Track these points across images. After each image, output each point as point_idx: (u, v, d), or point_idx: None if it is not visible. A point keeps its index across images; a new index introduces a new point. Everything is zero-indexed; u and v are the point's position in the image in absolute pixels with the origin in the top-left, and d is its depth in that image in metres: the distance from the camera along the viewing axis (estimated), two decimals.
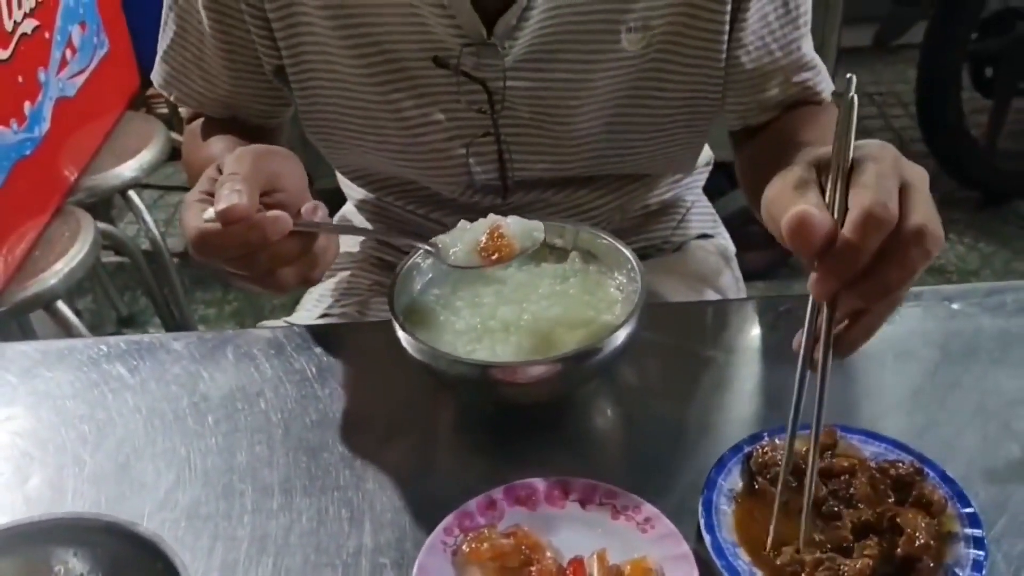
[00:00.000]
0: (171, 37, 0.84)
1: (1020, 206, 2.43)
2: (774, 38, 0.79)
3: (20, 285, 1.36)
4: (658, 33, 0.77)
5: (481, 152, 0.81)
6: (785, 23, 0.79)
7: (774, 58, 0.80)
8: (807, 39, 0.82)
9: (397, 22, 0.75)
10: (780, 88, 0.81)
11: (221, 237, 0.57)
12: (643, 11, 0.75)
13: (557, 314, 0.64)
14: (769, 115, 0.83)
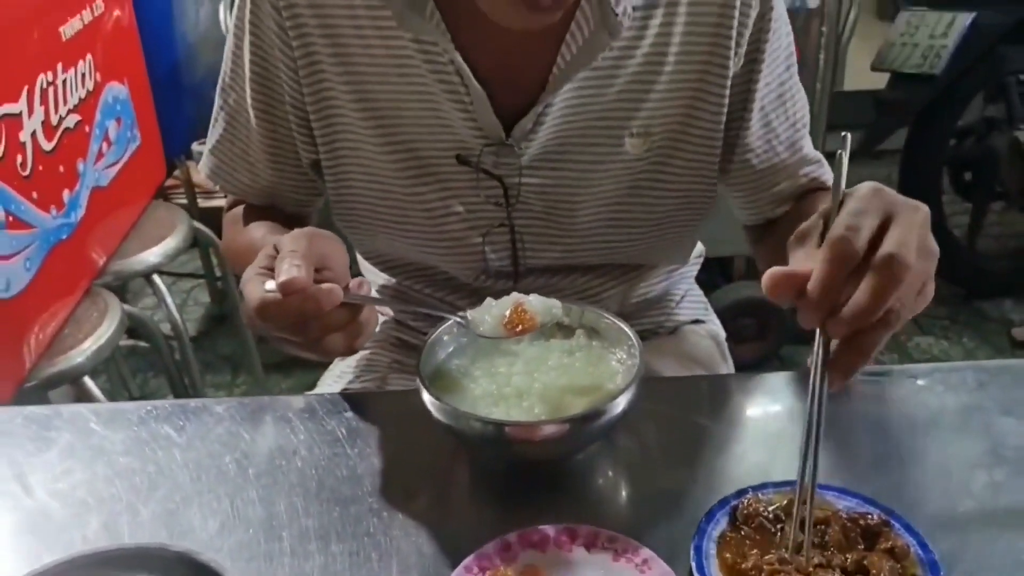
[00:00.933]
0: (220, 133, 0.94)
1: (1002, 303, 2.53)
2: (779, 140, 0.90)
3: (49, 361, 1.44)
4: (658, 138, 0.86)
5: (496, 241, 0.90)
6: (787, 127, 0.90)
7: (781, 158, 0.90)
8: (807, 139, 0.92)
9: (425, 123, 0.85)
10: (789, 182, 0.91)
11: (280, 306, 0.65)
12: (645, 118, 0.85)
13: (565, 383, 0.72)
14: (784, 207, 0.93)
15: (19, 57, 1.37)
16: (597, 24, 0.79)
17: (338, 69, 0.84)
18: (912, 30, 2.32)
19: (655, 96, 0.84)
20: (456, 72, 0.81)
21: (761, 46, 0.85)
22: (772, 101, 0.88)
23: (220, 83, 0.92)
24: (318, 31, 0.83)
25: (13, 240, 1.34)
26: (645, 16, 0.81)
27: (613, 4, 0.77)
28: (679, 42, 0.83)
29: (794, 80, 0.90)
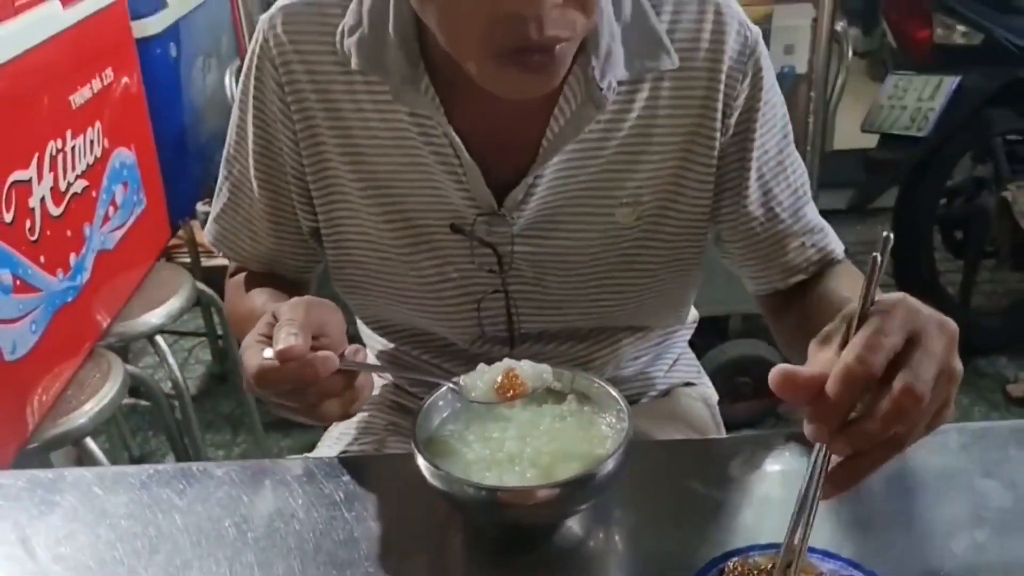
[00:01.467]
0: (224, 202, 0.98)
1: (997, 360, 2.54)
2: (781, 208, 0.91)
3: (52, 423, 1.46)
4: (647, 207, 0.89)
5: (490, 308, 0.93)
6: (789, 194, 0.91)
7: (784, 224, 0.91)
8: (811, 206, 0.94)
9: (421, 194, 0.88)
10: (797, 251, 0.92)
11: (278, 373, 0.68)
12: (634, 188, 0.88)
13: (556, 448, 0.74)
14: (796, 278, 0.93)
15: (30, 125, 1.42)
16: (583, 98, 0.82)
17: (337, 141, 0.88)
18: (900, 93, 2.38)
19: (643, 167, 0.88)
20: (450, 145, 0.84)
21: (754, 115, 0.88)
22: (771, 169, 0.90)
23: (225, 154, 0.96)
24: (318, 105, 0.87)
25: (20, 304, 1.37)
26: (631, 90, 0.85)
27: (599, 79, 0.81)
28: (665, 114, 0.86)
29: (791, 148, 0.92)
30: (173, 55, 2.06)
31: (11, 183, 1.35)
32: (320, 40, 0.85)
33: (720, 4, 0.85)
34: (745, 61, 0.86)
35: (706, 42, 0.85)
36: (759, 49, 0.87)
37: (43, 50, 1.43)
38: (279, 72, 0.86)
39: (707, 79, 0.85)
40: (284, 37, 0.86)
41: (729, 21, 0.85)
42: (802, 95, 2.11)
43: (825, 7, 2.02)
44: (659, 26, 0.84)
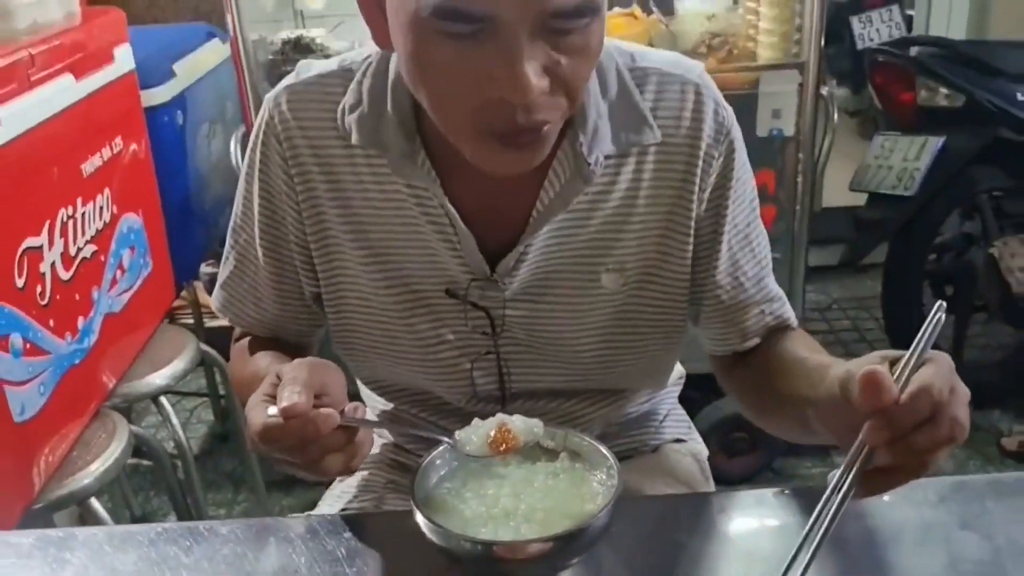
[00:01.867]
0: (230, 270, 1.02)
1: (991, 413, 2.57)
2: (746, 278, 0.96)
3: (58, 483, 1.49)
4: (632, 274, 0.94)
5: (483, 367, 0.97)
6: (753, 265, 0.97)
7: (748, 293, 0.96)
8: (771, 276, 0.99)
9: (417, 260, 0.92)
10: (756, 318, 0.97)
11: (282, 430, 0.72)
12: (619, 256, 0.93)
13: (549, 504, 0.77)
14: (752, 342, 0.98)
15: (43, 193, 1.47)
16: (572, 172, 0.87)
17: (339, 212, 0.92)
18: (887, 153, 2.45)
19: (628, 236, 0.92)
20: (446, 215, 0.89)
21: (726, 192, 0.93)
22: (739, 242, 0.95)
23: (232, 224, 1.01)
24: (321, 178, 0.92)
25: (29, 366, 1.40)
26: (617, 164, 0.90)
27: (587, 154, 0.86)
28: (648, 187, 0.91)
29: (758, 222, 0.98)
30: (179, 123, 2.12)
31: (23, 250, 1.40)
32: (322, 116, 0.90)
33: (699, 85, 0.91)
34: (721, 140, 0.91)
35: (687, 120, 0.90)
36: (733, 130, 0.93)
37: (57, 121, 1.49)
38: (283, 147, 0.91)
39: (687, 155, 0.90)
40: (288, 114, 0.91)
41: (707, 101, 0.91)
42: (791, 156, 2.17)
43: (810, 73, 2.09)
44: (643, 103, 0.89)
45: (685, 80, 0.91)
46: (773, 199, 2.19)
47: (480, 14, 0.69)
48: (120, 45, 1.76)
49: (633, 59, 0.91)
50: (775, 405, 0.93)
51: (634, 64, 0.91)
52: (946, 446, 0.67)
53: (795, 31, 2.11)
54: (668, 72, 0.91)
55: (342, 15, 2.42)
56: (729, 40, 2.14)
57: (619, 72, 0.89)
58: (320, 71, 0.92)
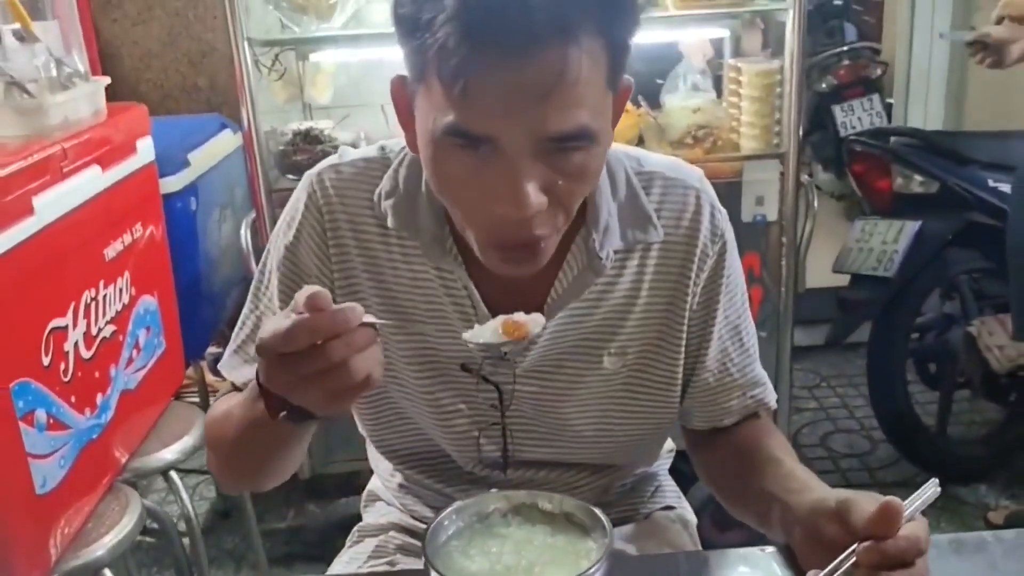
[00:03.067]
0: (247, 333, 1.07)
1: (977, 488, 2.63)
2: (733, 365, 1.06)
3: (73, 554, 1.54)
4: (631, 358, 1.03)
5: (490, 436, 1.05)
6: (740, 354, 1.06)
7: (733, 378, 1.06)
8: (756, 362, 1.09)
9: (440, 336, 1.01)
10: (739, 400, 1.07)
11: (313, 320, 0.72)
12: (622, 341, 1.02)
13: (547, 559, 0.84)
14: (733, 419, 1.08)
15: (69, 277, 1.56)
16: (584, 265, 0.97)
17: (372, 286, 1.01)
18: (867, 236, 2.56)
19: (629, 324, 1.01)
20: (468, 296, 0.98)
21: (717, 287, 1.03)
22: (728, 332, 1.05)
23: (252, 290, 1.06)
24: (356, 251, 1.00)
25: (52, 440, 1.48)
26: (624, 258, 1.00)
27: (598, 249, 0.96)
28: (650, 280, 1.01)
29: (747, 314, 1.08)
30: (193, 209, 2.22)
31: (50, 330, 1.49)
32: (362, 196, 1.00)
33: (699, 190, 1.02)
34: (715, 241, 1.02)
35: (686, 220, 1.01)
36: (727, 232, 1.03)
37: (84, 209, 1.59)
38: (324, 219, 1.00)
39: (684, 252, 1.01)
40: (331, 191, 1.00)
41: (704, 205, 1.01)
42: (774, 240, 2.28)
43: (790, 162, 2.22)
44: (648, 205, 0.99)
45: (687, 185, 1.02)
46: (759, 281, 2.29)
47: (485, 136, 0.79)
48: (142, 137, 1.88)
49: (640, 163, 1.02)
50: (741, 492, 1.03)
51: (640, 168, 1.02)
52: None
53: (775, 123, 2.25)
54: (671, 177, 1.02)
55: (348, 107, 2.56)
56: (714, 132, 2.27)
57: (627, 175, 1.00)
58: (363, 156, 1.02)
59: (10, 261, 1.36)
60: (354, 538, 1.22)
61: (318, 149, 2.22)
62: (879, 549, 0.78)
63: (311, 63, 2.54)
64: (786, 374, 2.40)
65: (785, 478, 0.94)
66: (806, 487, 0.91)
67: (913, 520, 0.82)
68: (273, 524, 2.58)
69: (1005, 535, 0.95)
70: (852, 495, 0.85)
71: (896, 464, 2.75)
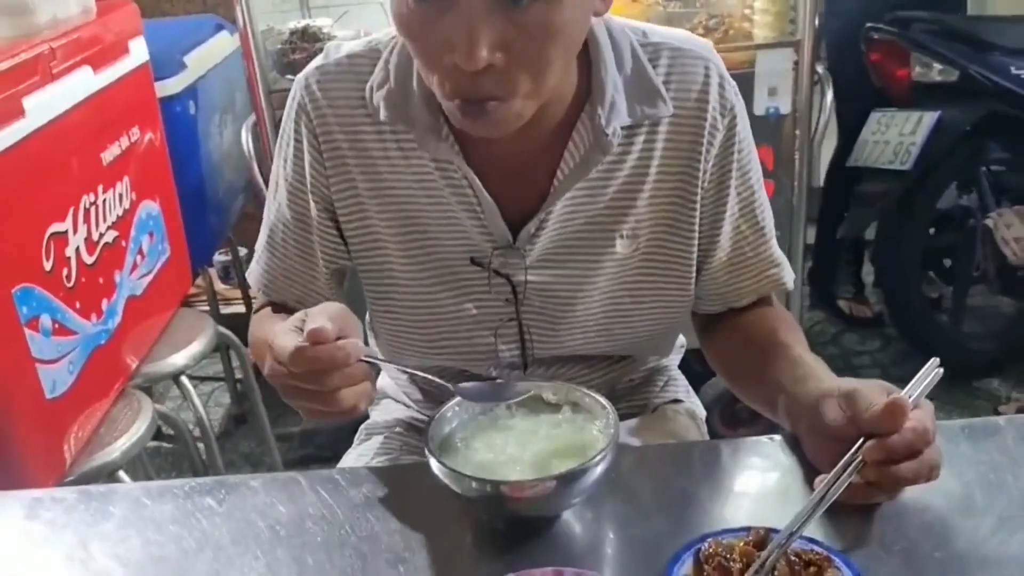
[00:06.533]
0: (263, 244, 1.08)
1: (989, 382, 2.63)
2: (747, 243, 1.03)
3: (88, 457, 1.56)
4: (644, 241, 1.00)
5: (505, 335, 1.02)
6: (754, 232, 1.03)
7: (747, 257, 1.03)
8: (772, 240, 1.05)
9: (443, 231, 0.98)
10: (753, 280, 1.04)
11: (314, 352, 0.77)
12: (633, 223, 0.98)
13: (552, 449, 0.84)
14: (747, 300, 1.05)
15: (66, 181, 1.54)
16: (591, 143, 0.93)
17: (368, 184, 0.98)
18: (883, 129, 2.49)
19: (640, 203, 0.98)
20: (469, 185, 0.95)
21: (728, 164, 0.99)
22: (742, 210, 1.02)
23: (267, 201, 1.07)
24: (350, 152, 0.97)
25: (58, 346, 1.47)
26: (630, 134, 0.95)
27: (604, 125, 0.92)
28: (660, 156, 0.97)
29: (761, 192, 1.04)
30: (191, 113, 2.18)
31: (50, 235, 1.46)
32: (351, 95, 0.96)
33: (708, 60, 0.97)
34: (725, 114, 0.97)
35: (695, 93, 0.96)
36: (737, 104, 0.99)
37: (77, 112, 1.55)
38: (314, 125, 0.97)
39: (694, 126, 0.96)
40: (319, 94, 0.97)
41: (713, 76, 0.97)
42: (787, 133, 2.22)
43: (805, 51, 2.14)
44: (656, 77, 0.95)
45: (696, 55, 0.97)
46: (772, 175, 2.24)
47: None
48: (135, 38, 1.82)
49: (645, 35, 0.97)
50: (751, 379, 1.01)
51: (647, 40, 0.97)
52: (921, 482, 0.78)
53: (790, 10, 2.16)
54: (679, 47, 0.97)
55: (347, 4, 2.48)
56: (725, 20, 2.19)
57: (633, 47, 0.95)
58: (349, 52, 0.98)
59: (3, 164, 1.33)
60: (361, 436, 1.22)
61: (316, 47, 2.15)
62: (885, 446, 0.77)
63: None
64: (800, 272, 2.37)
65: (793, 365, 0.92)
66: (813, 375, 0.89)
67: (918, 408, 0.80)
68: (287, 428, 2.60)
69: (1018, 419, 0.94)
70: (856, 385, 0.83)
71: (908, 360, 2.74)
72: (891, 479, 0.78)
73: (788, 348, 0.95)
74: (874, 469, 0.78)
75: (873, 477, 0.78)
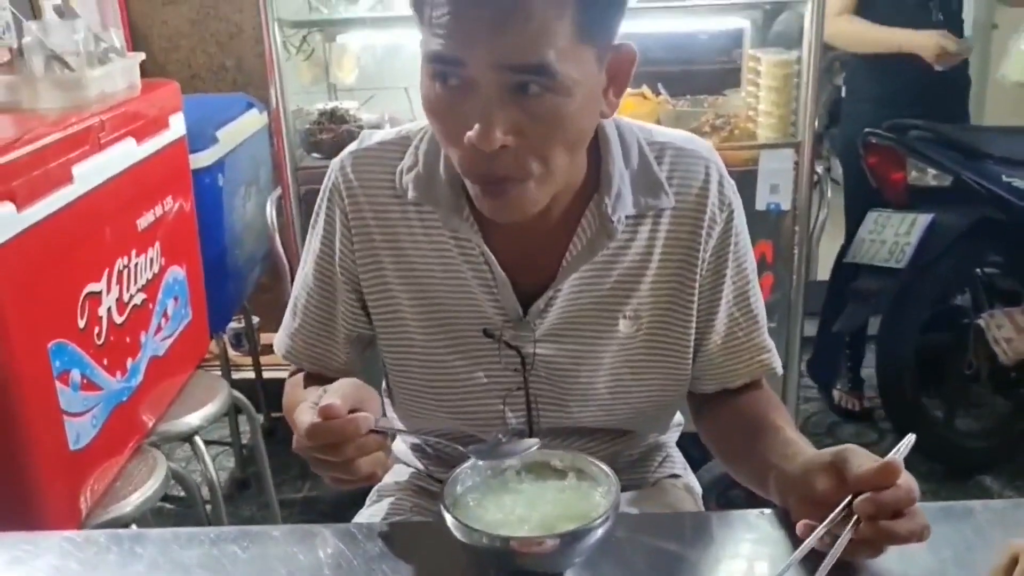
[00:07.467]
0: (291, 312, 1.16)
1: (982, 480, 2.67)
2: (740, 329, 1.11)
3: (103, 510, 1.61)
4: (646, 322, 1.08)
5: (514, 403, 1.10)
6: (747, 319, 1.11)
7: (740, 342, 1.11)
8: (764, 329, 1.13)
9: (459, 304, 1.06)
10: (745, 363, 1.12)
11: (325, 427, 0.85)
12: (635, 305, 1.07)
13: (558, 512, 0.90)
14: (740, 381, 1.13)
15: (105, 244, 1.63)
16: (598, 228, 1.02)
17: (393, 260, 1.07)
18: (880, 228, 2.59)
19: (643, 287, 1.06)
20: (485, 262, 1.03)
21: (725, 255, 1.08)
22: (736, 299, 1.10)
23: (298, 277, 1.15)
24: (377, 230, 1.06)
25: (85, 400, 1.54)
26: (636, 224, 1.05)
27: (610, 213, 1.01)
28: (662, 246, 1.06)
29: (755, 283, 1.12)
30: (220, 185, 2.29)
31: (85, 294, 1.55)
32: (382, 178, 1.06)
33: (708, 160, 1.07)
34: (723, 209, 1.07)
35: (696, 189, 1.05)
36: (734, 200, 1.08)
37: (119, 180, 1.65)
38: (346, 202, 1.07)
39: (694, 219, 1.06)
40: (352, 176, 1.07)
41: (713, 174, 1.07)
42: (787, 229, 2.32)
43: (805, 152, 2.25)
44: (660, 173, 1.04)
45: (697, 155, 1.07)
46: (771, 268, 2.33)
47: (452, 58, 0.85)
48: (175, 113, 1.94)
49: (652, 135, 1.08)
50: (740, 455, 1.08)
51: (653, 139, 1.07)
52: (914, 541, 0.84)
53: (792, 113, 2.29)
54: (682, 147, 1.07)
55: (373, 89, 2.62)
56: (731, 120, 2.31)
57: (640, 145, 1.05)
58: (381, 139, 1.08)
59: (50, 226, 1.42)
60: (373, 497, 1.28)
61: (343, 129, 2.28)
62: (878, 499, 0.83)
63: (337, 44, 2.60)
64: (795, 363, 2.44)
65: (783, 444, 0.99)
66: (801, 452, 0.96)
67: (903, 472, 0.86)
68: (290, 495, 2.64)
69: (991, 503, 1.00)
70: (847, 446, 0.89)
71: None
72: (886, 534, 0.83)
73: (779, 429, 1.03)
74: (870, 526, 0.83)
75: (869, 534, 0.83)
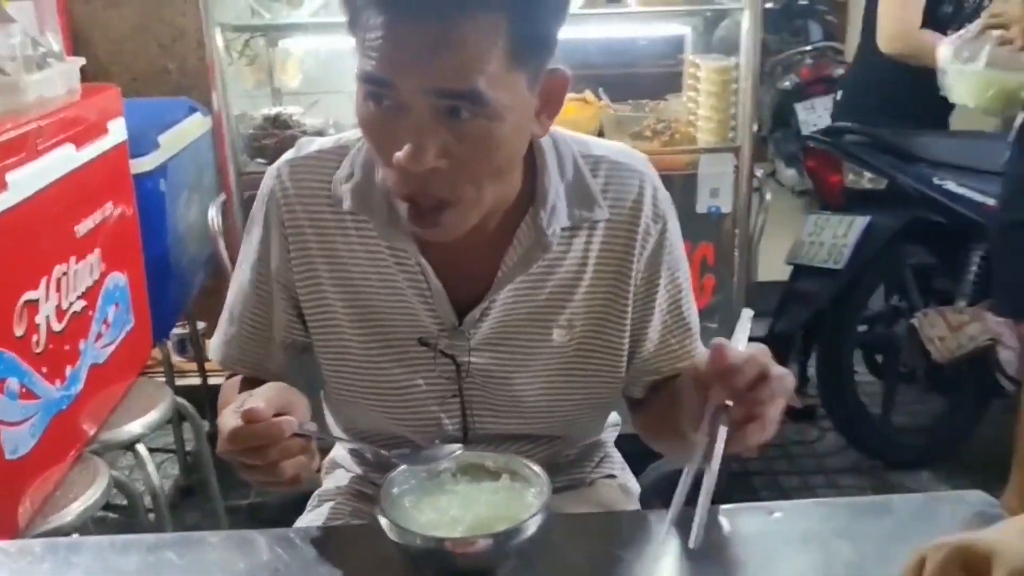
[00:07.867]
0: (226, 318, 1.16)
1: (919, 475, 2.74)
2: (673, 336, 1.14)
3: (43, 519, 1.59)
4: (579, 332, 1.10)
5: (449, 410, 1.11)
6: (680, 329, 1.14)
7: (672, 349, 1.14)
8: (697, 338, 1.16)
9: (395, 313, 1.07)
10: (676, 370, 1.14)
11: (248, 431, 0.87)
12: (568, 315, 1.09)
13: (492, 513, 0.92)
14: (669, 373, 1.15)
15: (42, 251, 1.61)
16: (532, 241, 1.04)
17: (328, 269, 1.07)
18: (819, 230, 2.65)
19: (577, 298, 1.08)
20: (421, 272, 1.05)
21: (658, 266, 1.10)
22: (670, 307, 1.13)
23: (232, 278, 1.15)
24: (314, 239, 1.07)
25: (23, 409, 1.53)
26: (570, 236, 1.06)
27: (545, 226, 1.03)
28: (595, 257, 1.08)
29: (688, 294, 1.15)
30: (162, 190, 2.27)
31: (23, 302, 1.53)
32: (318, 186, 1.07)
33: (642, 173, 1.09)
34: (657, 221, 1.09)
35: (629, 202, 1.08)
36: (668, 212, 1.11)
37: (58, 186, 1.64)
38: (282, 210, 1.07)
39: (628, 231, 1.08)
40: (289, 184, 1.07)
41: (647, 187, 1.09)
42: (727, 231, 2.37)
43: (744, 156, 2.30)
44: (594, 185, 1.07)
45: (632, 168, 1.09)
46: (712, 270, 2.38)
47: (384, 79, 0.87)
48: (115, 118, 1.92)
49: (587, 147, 1.09)
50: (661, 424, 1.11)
51: (588, 152, 1.09)
52: (780, 397, 0.87)
53: (731, 119, 2.33)
54: (617, 161, 1.09)
55: (317, 93, 2.61)
56: (671, 125, 2.36)
57: (575, 158, 1.07)
58: (319, 147, 1.09)
59: None
60: (314, 502, 1.28)
61: (287, 134, 2.27)
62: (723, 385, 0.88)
63: (281, 49, 2.60)
64: None
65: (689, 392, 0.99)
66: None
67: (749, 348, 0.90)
68: (236, 501, 2.62)
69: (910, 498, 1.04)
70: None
71: (843, 451, 2.86)
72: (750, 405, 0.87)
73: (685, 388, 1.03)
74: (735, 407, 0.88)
75: (738, 414, 0.88)
